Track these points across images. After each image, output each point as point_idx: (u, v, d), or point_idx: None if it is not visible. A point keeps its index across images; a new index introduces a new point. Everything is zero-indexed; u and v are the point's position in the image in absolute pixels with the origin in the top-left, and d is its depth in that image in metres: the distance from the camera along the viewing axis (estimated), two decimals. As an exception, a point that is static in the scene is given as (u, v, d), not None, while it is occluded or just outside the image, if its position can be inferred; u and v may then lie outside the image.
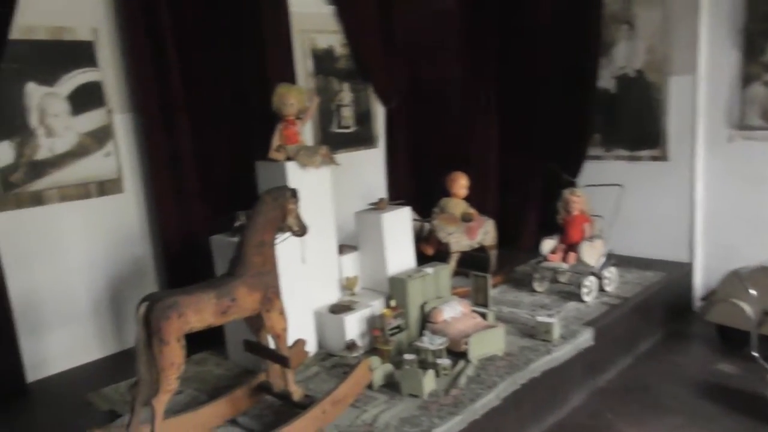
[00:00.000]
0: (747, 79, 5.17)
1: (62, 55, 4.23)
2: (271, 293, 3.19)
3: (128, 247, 4.62)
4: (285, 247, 3.51)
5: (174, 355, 2.77)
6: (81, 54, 4.31)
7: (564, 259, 5.03)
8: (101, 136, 4.44)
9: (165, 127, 4.56)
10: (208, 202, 4.73)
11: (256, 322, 3.28)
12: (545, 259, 5.12)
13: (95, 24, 4.37)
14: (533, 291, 5.17)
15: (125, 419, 2.99)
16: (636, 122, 5.86)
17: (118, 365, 4.27)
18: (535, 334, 4.26)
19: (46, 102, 4.18)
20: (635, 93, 5.83)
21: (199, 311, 2.88)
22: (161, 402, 2.76)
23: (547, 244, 5.14)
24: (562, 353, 4.09)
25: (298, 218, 3.35)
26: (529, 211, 6.40)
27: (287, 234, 3.40)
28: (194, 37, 4.62)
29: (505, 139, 6.43)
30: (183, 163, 4.65)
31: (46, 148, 4.19)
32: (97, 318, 4.48)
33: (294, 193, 3.32)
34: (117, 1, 4.44)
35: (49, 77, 4.18)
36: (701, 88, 5.41)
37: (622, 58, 5.87)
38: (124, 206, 4.58)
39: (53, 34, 4.19)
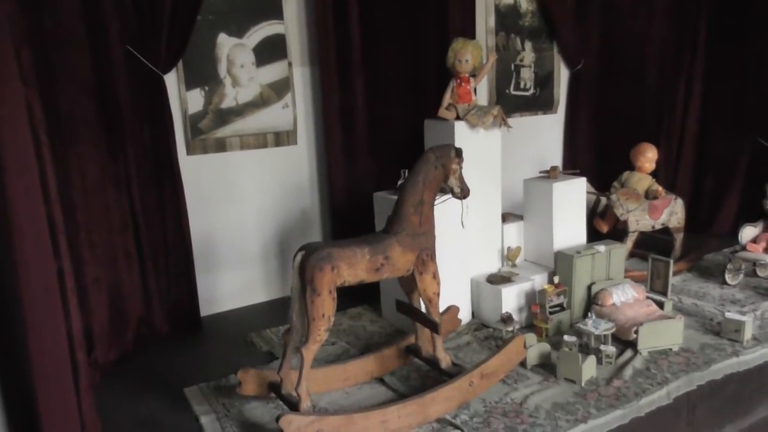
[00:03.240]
0: None
1: (252, 7, 4.39)
2: (425, 255, 3.08)
3: (297, 197, 4.78)
4: (446, 208, 3.38)
5: (325, 306, 2.77)
6: (269, 6, 4.45)
7: (767, 251, 4.34)
8: (281, 88, 4.59)
9: (341, 81, 4.61)
10: (377, 159, 4.74)
11: (408, 283, 3.20)
12: (744, 248, 4.48)
13: (284, -23, 4.48)
14: (724, 283, 4.54)
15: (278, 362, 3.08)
16: None
17: (280, 309, 4.46)
18: (721, 331, 3.74)
19: (234, 53, 4.39)
20: None
21: (353, 266, 2.86)
22: (311, 351, 2.79)
23: (748, 232, 4.49)
24: (752, 357, 3.54)
25: (460, 179, 3.19)
26: (730, 193, 5.65)
27: (448, 195, 3.26)
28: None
29: (708, 109, 5.69)
30: (355, 118, 4.69)
31: (231, 97, 4.41)
32: (265, 263, 4.71)
33: (458, 153, 3.16)
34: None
35: (239, 29, 4.37)
36: None
37: None
38: (296, 158, 4.73)
39: (247, -13, 4.37)
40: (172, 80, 4.11)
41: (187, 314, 4.21)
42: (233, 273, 4.58)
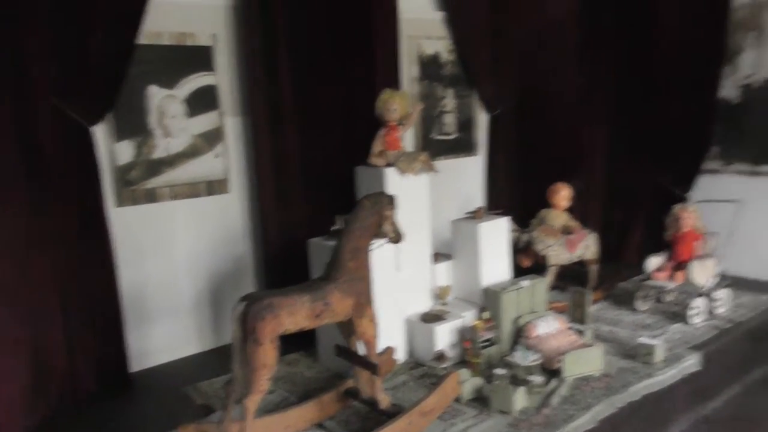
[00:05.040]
0: None
1: (183, 59, 4.47)
2: (363, 299, 3.22)
3: (231, 245, 4.82)
4: (379, 253, 3.53)
5: (267, 356, 2.84)
6: (200, 58, 4.54)
7: (671, 278, 4.76)
8: (213, 138, 4.66)
9: (272, 130, 4.72)
10: (310, 205, 4.83)
11: (347, 328, 3.32)
12: (650, 276, 4.87)
13: (215, 30, 4.59)
14: (635, 310, 4.93)
15: (218, 415, 3.10)
16: (761, 135, 5.44)
17: (215, 360, 4.46)
18: (635, 355, 4.06)
19: (165, 104, 4.44)
20: (761, 104, 5.42)
21: (294, 314, 2.95)
22: (253, 402, 2.85)
23: (654, 261, 4.89)
24: (664, 377, 3.88)
25: (394, 225, 3.37)
26: (636, 226, 6.13)
27: (383, 240, 3.42)
28: (306, 43, 4.74)
29: (615, 150, 6.18)
30: (288, 166, 4.79)
31: (162, 148, 4.44)
32: (198, 313, 4.70)
33: (392, 200, 3.34)
34: (236, 8, 4.63)
35: (170, 80, 4.43)
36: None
37: (748, 66, 5.49)
38: (229, 206, 4.79)
39: (177, 40, 4.43)
40: (101, 132, 4.11)
41: (116, 371, 4.14)
42: (166, 325, 4.54)
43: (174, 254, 4.55)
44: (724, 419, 4.07)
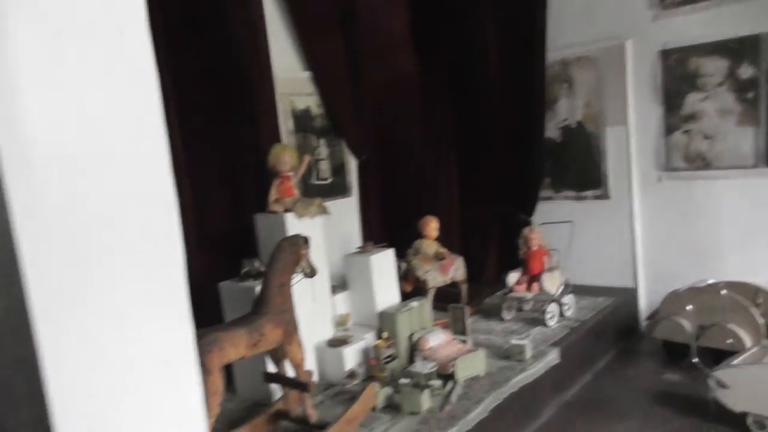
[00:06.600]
0: (669, 129, 6.06)
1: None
2: (291, 328, 3.67)
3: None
4: (297, 288, 4.00)
5: (216, 384, 3.21)
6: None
7: (528, 289, 5.68)
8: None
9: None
10: (209, 254, 5.13)
11: (277, 354, 3.74)
12: (511, 290, 5.75)
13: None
14: (502, 319, 5.78)
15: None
16: (580, 166, 6.66)
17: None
18: (509, 355, 4.84)
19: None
20: (577, 141, 6.65)
21: (235, 345, 3.34)
22: (208, 425, 3.17)
23: (512, 277, 5.78)
24: (534, 370, 4.69)
25: (309, 262, 3.87)
26: (490, 250, 7.06)
27: (300, 276, 3.90)
28: (192, 103, 5.11)
29: (465, 187, 7.13)
30: (184, 219, 5.05)
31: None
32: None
33: (306, 240, 3.85)
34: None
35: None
36: (632, 136, 6.29)
37: (564, 111, 6.71)
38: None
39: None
40: None
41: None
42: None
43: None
44: (582, 401, 5.01)
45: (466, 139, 7.04)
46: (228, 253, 4.86)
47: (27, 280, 0.83)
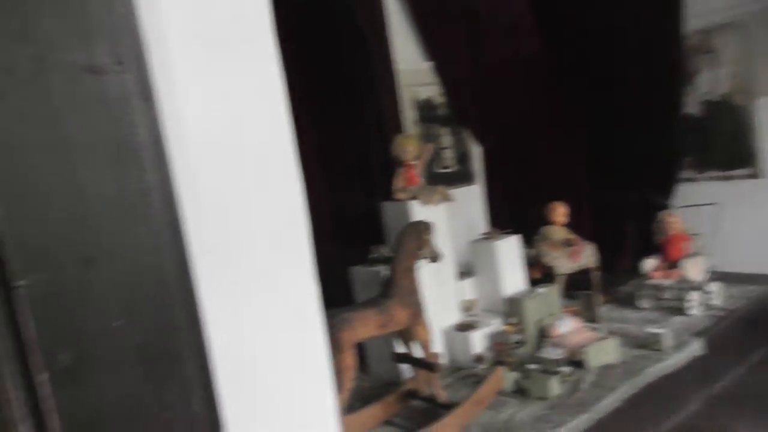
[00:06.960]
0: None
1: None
2: (417, 309, 3.76)
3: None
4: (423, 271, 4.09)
5: (347, 361, 3.36)
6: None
7: (667, 276, 5.36)
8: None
9: (304, 179, 5.25)
10: (341, 240, 5.36)
11: (405, 335, 3.85)
12: (648, 277, 5.46)
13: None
14: (638, 308, 5.49)
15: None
16: (726, 143, 6.16)
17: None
18: (646, 344, 4.60)
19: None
20: (722, 116, 6.16)
21: (365, 324, 3.49)
22: (341, 400, 3.34)
23: (649, 263, 5.49)
24: (674, 361, 4.43)
25: (432, 247, 3.94)
26: (625, 236, 6.74)
27: (425, 260, 3.98)
28: (321, 98, 5.36)
29: (596, 170, 6.85)
30: (320, 209, 5.32)
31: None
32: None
33: (429, 226, 3.92)
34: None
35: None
36: (790, 108, 5.71)
37: (705, 84, 6.23)
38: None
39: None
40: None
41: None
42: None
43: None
44: (732, 396, 4.65)
45: (596, 118, 6.74)
46: (358, 240, 5.04)
47: (193, 257, 1.02)
